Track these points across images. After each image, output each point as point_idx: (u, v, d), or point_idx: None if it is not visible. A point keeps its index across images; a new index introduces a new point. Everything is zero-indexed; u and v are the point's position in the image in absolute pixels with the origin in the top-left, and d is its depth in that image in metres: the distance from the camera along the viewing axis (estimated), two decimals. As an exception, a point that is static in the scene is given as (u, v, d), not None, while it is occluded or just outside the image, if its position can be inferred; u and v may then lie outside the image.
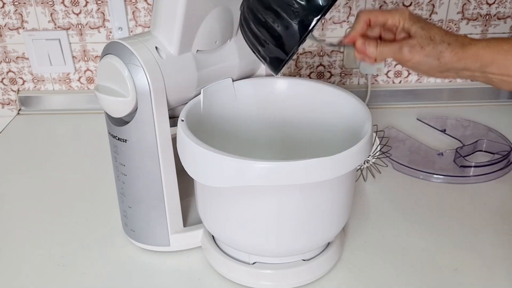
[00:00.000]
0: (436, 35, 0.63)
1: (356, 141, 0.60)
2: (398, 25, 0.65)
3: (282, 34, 0.58)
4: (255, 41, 0.62)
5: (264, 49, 0.62)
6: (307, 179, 0.58)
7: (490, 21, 1.09)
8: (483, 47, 0.62)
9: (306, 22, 0.57)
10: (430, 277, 0.70)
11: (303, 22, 0.57)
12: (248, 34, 0.63)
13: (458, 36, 0.64)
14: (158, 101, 0.64)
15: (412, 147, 0.99)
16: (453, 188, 0.88)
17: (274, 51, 0.60)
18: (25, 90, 1.16)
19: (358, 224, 0.80)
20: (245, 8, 0.61)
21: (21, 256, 0.76)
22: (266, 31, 0.59)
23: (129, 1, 1.06)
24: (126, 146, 0.68)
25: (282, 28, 0.58)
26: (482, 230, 0.78)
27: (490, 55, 0.62)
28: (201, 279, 0.71)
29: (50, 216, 0.84)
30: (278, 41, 0.59)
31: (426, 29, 0.63)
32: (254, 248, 0.67)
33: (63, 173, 0.96)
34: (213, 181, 0.60)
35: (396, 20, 0.65)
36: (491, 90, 1.14)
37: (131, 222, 0.74)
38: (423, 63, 0.63)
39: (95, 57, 1.12)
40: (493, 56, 0.62)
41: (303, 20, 0.57)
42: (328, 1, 0.57)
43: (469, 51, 0.62)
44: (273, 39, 0.59)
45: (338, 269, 0.72)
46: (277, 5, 0.58)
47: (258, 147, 0.79)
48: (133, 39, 0.65)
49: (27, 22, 1.08)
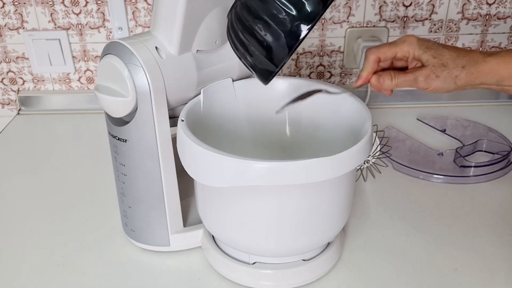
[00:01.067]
0: (449, 61, 0.63)
1: (356, 141, 0.60)
2: (409, 56, 0.66)
3: (272, 45, 0.55)
4: (244, 50, 0.59)
5: (253, 59, 0.59)
6: (307, 179, 0.58)
7: (490, 21, 1.09)
8: (497, 63, 0.63)
9: (297, 32, 0.54)
10: (430, 277, 0.70)
11: (294, 32, 0.54)
12: (236, 43, 0.59)
13: (470, 55, 0.64)
14: (158, 101, 0.64)
15: (412, 147, 0.99)
16: (453, 188, 0.88)
17: (263, 62, 0.57)
18: (25, 90, 1.16)
19: (358, 224, 0.80)
20: (233, 16, 0.58)
21: (21, 256, 0.76)
22: (256, 41, 0.56)
23: (129, 1, 1.06)
24: (126, 146, 0.68)
25: (272, 38, 0.55)
26: (482, 230, 0.78)
27: (505, 70, 0.63)
28: (201, 279, 0.71)
29: (50, 216, 0.84)
30: (268, 52, 0.56)
31: (437, 56, 0.64)
32: (254, 248, 0.67)
33: (63, 173, 0.96)
34: (213, 181, 0.60)
35: (405, 52, 0.66)
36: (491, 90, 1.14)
37: (131, 222, 0.74)
38: (441, 88, 0.65)
39: (95, 57, 1.12)
40: (508, 71, 0.63)
41: (294, 30, 0.54)
42: (319, 9, 0.53)
43: (484, 69, 0.63)
44: (263, 50, 0.56)
45: (338, 269, 0.72)
46: (266, 14, 0.55)
47: (258, 147, 0.79)
48: (133, 39, 0.65)
49: (27, 22, 1.08)
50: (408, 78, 0.65)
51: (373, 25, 1.09)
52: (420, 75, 0.64)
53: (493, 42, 1.11)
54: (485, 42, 1.11)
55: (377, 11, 1.07)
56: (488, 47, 1.11)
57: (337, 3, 1.06)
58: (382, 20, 1.08)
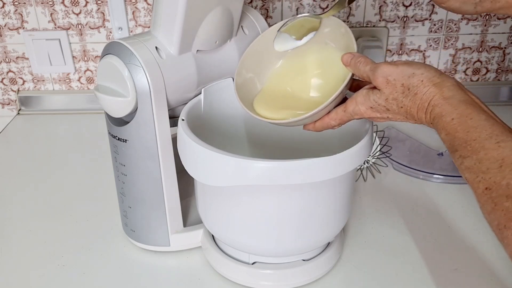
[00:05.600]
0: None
1: (356, 141, 0.60)
2: None
3: None
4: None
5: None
6: (307, 179, 0.58)
7: (490, 21, 1.09)
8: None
9: None
10: (430, 277, 0.70)
11: None
12: None
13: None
14: (158, 101, 0.64)
15: (412, 147, 0.99)
16: (453, 188, 0.88)
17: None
18: (25, 90, 1.16)
19: (358, 224, 0.80)
20: None
21: (21, 256, 0.76)
22: None
23: (129, 1, 1.06)
24: (126, 146, 0.68)
25: None
26: (482, 230, 0.78)
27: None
28: (201, 279, 0.71)
29: (50, 216, 0.84)
30: None
31: None
32: (254, 248, 0.67)
33: (63, 173, 0.96)
34: (213, 181, 0.60)
35: None
36: (491, 90, 1.14)
37: (131, 222, 0.74)
38: (457, 9, 0.61)
39: (95, 57, 1.12)
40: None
41: None
42: None
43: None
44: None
45: (338, 269, 0.72)
46: None
47: (258, 146, 0.79)
48: (133, 39, 0.65)
49: (27, 22, 1.08)
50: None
51: (373, 25, 1.09)
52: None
53: (493, 42, 1.11)
54: (485, 42, 1.11)
55: (377, 11, 1.07)
56: (488, 47, 1.11)
57: (337, 3, 1.06)
58: (382, 20, 1.08)
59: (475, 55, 1.12)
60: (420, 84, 0.54)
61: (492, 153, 0.47)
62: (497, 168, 0.47)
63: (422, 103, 0.54)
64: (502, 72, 1.14)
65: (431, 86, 0.53)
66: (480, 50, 1.12)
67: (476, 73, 1.14)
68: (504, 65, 1.13)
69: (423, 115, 0.54)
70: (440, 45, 1.11)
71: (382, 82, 0.56)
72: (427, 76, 0.54)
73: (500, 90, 1.14)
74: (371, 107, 0.57)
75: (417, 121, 0.56)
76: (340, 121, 0.60)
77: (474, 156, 0.49)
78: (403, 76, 0.55)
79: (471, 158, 0.49)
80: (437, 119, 0.52)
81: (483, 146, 0.48)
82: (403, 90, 0.55)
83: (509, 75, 1.15)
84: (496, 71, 1.14)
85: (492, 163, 0.47)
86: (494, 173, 0.47)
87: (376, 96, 0.56)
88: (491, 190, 0.47)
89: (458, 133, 0.50)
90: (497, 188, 0.46)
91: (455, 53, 1.12)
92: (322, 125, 0.62)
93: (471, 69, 1.14)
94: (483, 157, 0.48)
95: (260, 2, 1.06)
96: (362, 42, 1.08)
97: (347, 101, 0.59)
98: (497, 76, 1.15)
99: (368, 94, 0.57)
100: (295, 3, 1.06)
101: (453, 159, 0.52)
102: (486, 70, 1.14)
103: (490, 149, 0.48)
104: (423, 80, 0.54)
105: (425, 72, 0.54)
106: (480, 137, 0.49)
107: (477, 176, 0.49)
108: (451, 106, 0.52)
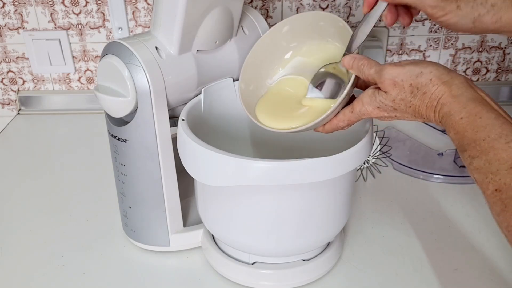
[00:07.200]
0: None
1: (356, 141, 0.60)
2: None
3: None
4: None
5: None
6: (307, 179, 0.58)
7: (490, 21, 1.09)
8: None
9: None
10: (430, 277, 0.70)
11: None
12: None
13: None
14: (158, 101, 0.64)
15: (412, 147, 0.99)
16: (453, 188, 0.88)
17: None
18: (25, 90, 1.16)
19: (358, 224, 0.80)
20: None
21: (21, 256, 0.76)
22: None
23: (129, 1, 1.06)
24: (126, 146, 0.68)
25: None
26: (482, 230, 0.78)
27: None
28: (201, 279, 0.71)
29: (50, 216, 0.84)
30: None
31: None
32: (254, 248, 0.67)
33: (63, 173, 0.96)
34: (213, 181, 0.60)
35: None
36: (491, 90, 1.14)
37: (131, 222, 0.74)
38: (453, 25, 0.58)
39: (95, 57, 1.12)
40: None
41: None
42: None
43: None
44: None
45: (338, 269, 0.72)
46: None
47: (258, 146, 0.79)
48: (133, 39, 0.65)
49: (27, 22, 1.08)
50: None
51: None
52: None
53: (493, 42, 1.11)
54: (485, 42, 1.11)
55: (377, 11, 1.07)
56: (488, 47, 1.11)
57: (337, 3, 1.06)
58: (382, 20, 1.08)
59: (475, 55, 1.12)
60: (429, 83, 0.53)
61: (501, 154, 0.47)
62: (507, 170, 0.46)
63: (431, 102, 0.53)
64: (502, 72, 1.14)
65: (440, 85, 0.53)
66: (480, 50, 1.12)
67: (476, 73, 1.14)
68: (504, 65, 1.13)
69: (432, 114, 0.54)
70: (440, 45, 1.11)
71: (389, 84, 0.55)
72: (435, 75, 0.53)
73: (500, 90, 1.14)
74: (378, 107, 0.57)
75: (426, 120, 0.55)
76: (348, 122, 0.60)
77: (483, 156, 0.48)
78: (411, 76, 0.54)
79: (480, 159, 0.48)
80: (446, 118, 0.52)
81: (493, 147, 0.48)
82: (412, 90, 0.54)
83: (509, 75, 1.15)
84: (496, 71, 1.14)
85: (502, 164, 0.47)
86: (504, 175, 0.46)
87: (382, 97, 0.56)
88: (501, 191, 0.47)
89: (467, 133, 0.50)
90: (507, 190, 0.46)
91: (455, 53, 1.12)
92: (331, 127, 0.62)
93: (471, 69, 1.14)
94: (492, 158, 0.47)
95: (260, 2, 1.06)
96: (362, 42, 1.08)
97: (353, 101, 0.59)
98: (497, 76, 1.15)
99: (374, 95, 0.57)
100: (295, 3, 1.06)
101: (462, 159, 0.51)
102: (486, 70, 1.14)
103: (499, 149, 0.47)
104: (432, 79, 0.53)
105: (434, 70, 0.53)
106: (490, 137, 0.48)
107: (486, 177, 0.48)
108: (459, 105, 0.51)
